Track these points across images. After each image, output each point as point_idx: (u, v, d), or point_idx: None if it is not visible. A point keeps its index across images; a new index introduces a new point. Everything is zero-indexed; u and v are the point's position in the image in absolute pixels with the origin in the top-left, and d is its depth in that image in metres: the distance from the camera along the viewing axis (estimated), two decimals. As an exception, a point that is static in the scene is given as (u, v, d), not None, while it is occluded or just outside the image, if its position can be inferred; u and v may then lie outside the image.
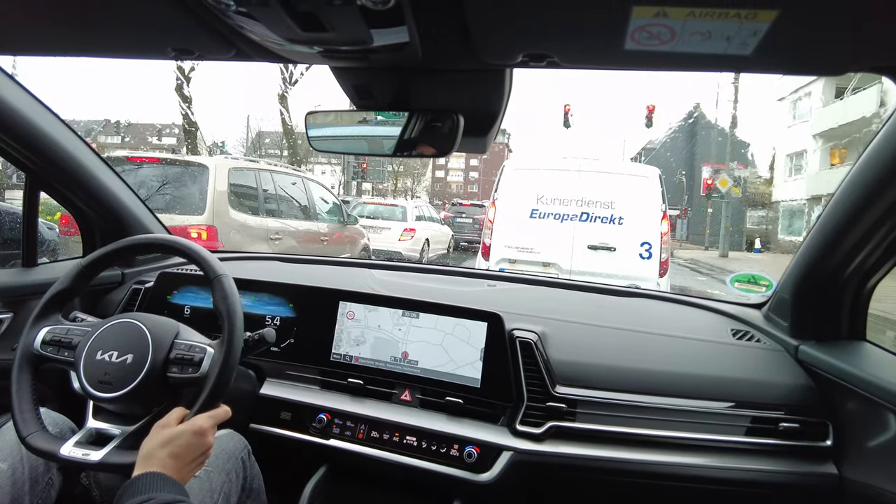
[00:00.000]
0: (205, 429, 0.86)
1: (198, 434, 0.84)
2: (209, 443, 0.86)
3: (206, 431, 0.86)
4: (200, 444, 0.84)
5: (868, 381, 1.05)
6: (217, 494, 1.01)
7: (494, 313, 1.29)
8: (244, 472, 1.11)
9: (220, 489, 1.02)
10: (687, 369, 1.27)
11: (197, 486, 0.98)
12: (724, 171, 17.80)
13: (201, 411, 0.88)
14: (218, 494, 1.01)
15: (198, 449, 0.84)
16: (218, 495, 1.01)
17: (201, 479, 0.99)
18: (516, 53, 0.73)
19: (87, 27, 0.81)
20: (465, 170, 59.90)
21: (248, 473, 1.12)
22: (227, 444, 1.11)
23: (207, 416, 0.88)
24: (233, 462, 1.08)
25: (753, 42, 0.62)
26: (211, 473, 1.02)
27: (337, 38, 0.70)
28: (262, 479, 1.17)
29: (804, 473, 1.13)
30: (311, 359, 1.39)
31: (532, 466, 1.17)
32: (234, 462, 1.09)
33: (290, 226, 5.39)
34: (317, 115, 0.97)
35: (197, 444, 0.84)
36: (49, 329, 0.99)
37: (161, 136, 32.12)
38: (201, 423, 0.86)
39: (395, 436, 1.24)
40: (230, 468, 1.07)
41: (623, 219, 4.46)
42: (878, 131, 0.98)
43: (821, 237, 1.16)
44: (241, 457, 1.12)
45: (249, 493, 1.12)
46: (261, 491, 1.15)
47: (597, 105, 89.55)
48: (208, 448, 0.87)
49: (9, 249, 2.82)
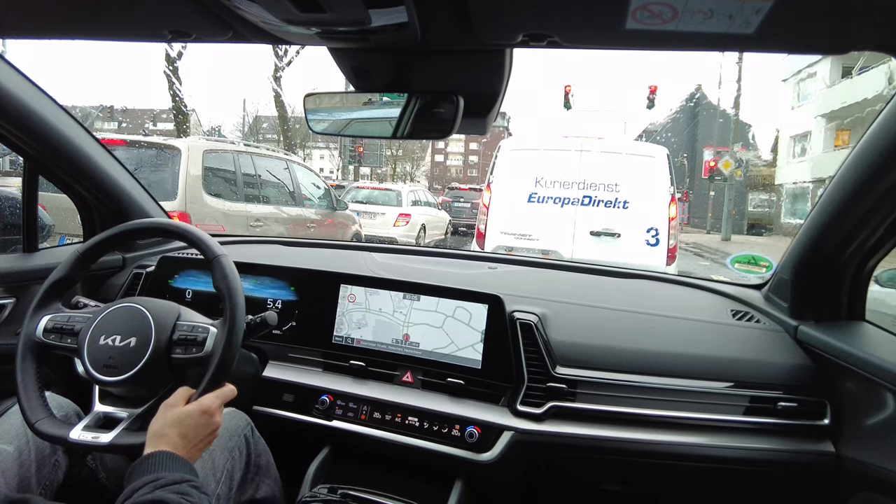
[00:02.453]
0: (212, 408, 0.87)
1: (206, 414, 0.85)
2: (217, 422, 0.88)
3: (214, 411, 0.87)
4: (209, 423, 0.85)
5: (866, 361, 1.05)
6: (220, 472, 1.01)
7: (495, 295, 1.29)
8: (248, 448, 1.11)
9: (223, 467, 1.03)
10: (687, 350, 1.28)
11: (199, 465, 0.97)
12: (726, 153, 17.67)
13: (207, 390, 0.89)
14: (221, 472, 1.02)
15: (206, 428, 0.85)
16: (221, 473, 1.02)
17: (203, 458, 0.99)
18: (516, 33, 0.72)
19: (82, 10, 0.80)
20: (465, 154, 59.59)
21: (253, 450, 1.12)
22: (230, 422, 1.12)
23: (214, 395, 0.89)
24: (235, 440, 1.09)
25: (756, 21, 0.61)
26: (213, 452, 1.02)
27: (335, 19, 0.70)
28: (270, 455, 1.17)
29: (802, 452, 1.14)
30: (313, 341, 1.40)
31: (533, 446, 1.19)
32: (237, 439, 1.09)
33: (272, 212, 5.11)
34: (315, 97, 0.97)
35: (205, 424, 0.85)
36: (50, 317, 1.00)
37: (156, 122, 31.87)
38: (209, 403, 0.87)
39: (397, 417, 1.25)
40: (233, 446, 1.07)
41: (628, 203, 4.18)
42: (881, 112, 0.97)
43: (821, 218, 1.16)
44: (245, 434, 1.12)
45: (257, 471, 1.12)
46: (270, 467, 1.16)
47: (598, 86, 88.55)
48: (216, 427, 0.88)
49: (9, 235, 2.82)
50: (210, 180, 4.45)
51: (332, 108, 0.98)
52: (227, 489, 1.03)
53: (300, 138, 25.01)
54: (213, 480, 0.99)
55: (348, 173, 19.17)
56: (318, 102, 0.97)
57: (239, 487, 1.06)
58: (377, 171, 25.44)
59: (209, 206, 4.33)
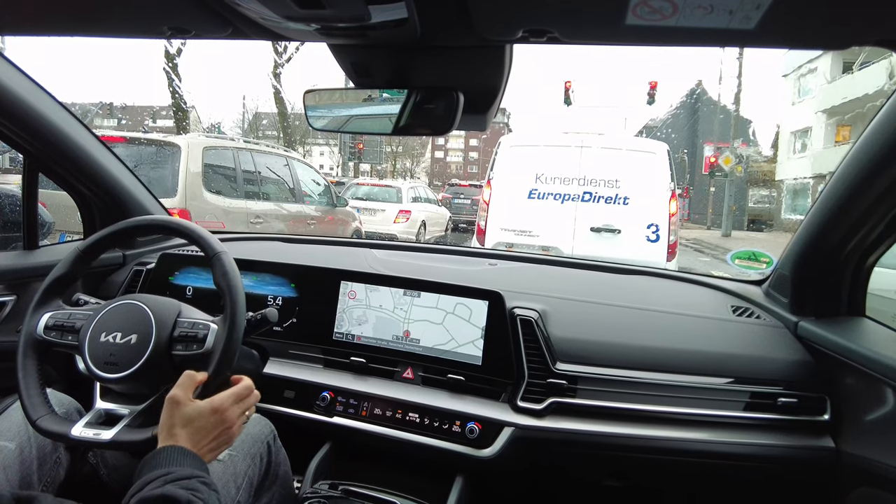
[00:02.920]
0: (224, 406, 0.84)
1: (217, 412, 0.82)
2: (230, 419, 0.84)
3: (227, 409, 0.84)
4: (220, 421, 0.82)
5: (866, 357, 1.06)
6: (241, 478, 0.99)
7: (495, 292, 1.29)
8: (269, 456, 1.09)
9: (245, 473, 1.00)
10: (687, 345, 1.28)
11: (220, 470, 0.95)
12: (727, 149, 17.62)
13: (209, 386, 0.89)
14: (242, 478, 0.99)
15: (217, 427, 0.82)
16: (242, 479, 0.99)
17: (225, 462, 0.97)
18: (516, 29, 0.72)
19: (81, 6, 0.79)
20: (465, 150, 59.47)
21: (274, 459, 1.10)
22: (253, 428, 1.10)
23: (229, 393, 0.86)
24: (258, 446, 1.07)
25: (756, 16, 0.61)
26: (235, 458, 1.00)
27: (335, 15, 0.69)
28: (289, 465, 1.16)
29: (802, 447, 1.15)
30: (313, 338, 1.40)
31: (533, 442, 1.19)
32: (260, 446, 1.07)
33: (272, 208, 5.10)
34: (315, 93, 0.96)
35: (216, 422, 0.82)
36: (51, 314, 1.00)
37: (156, 119, 31.81)
38: (221, 401, 0.84)
39: (397, 413, 1.25)
40: (255, 452, 1.05)
41: (629, 199, 4.19)
42: (881, 107, 0.97)
43: (822, 214, 1.16)
44: (267, 441, 1.10)
45: (275, 480, 1.10)
46: (287, 478, 1.14)
47: (598, 82, 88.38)
48: (230, 426, 0.84)
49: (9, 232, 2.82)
50: (210, 177, 4.43)
51: (331, 105, 0.98)
52: (247, 495, 1.00)
53: (300, 135, 24.95)
54: (233, 486, 0.97)
55: (348, 170, 19.13)
56: (317, 99, 0.97)
57: (255, 494, 1.04)
58: (377, 168, 25.38)
59: (209, 202, 4.32)
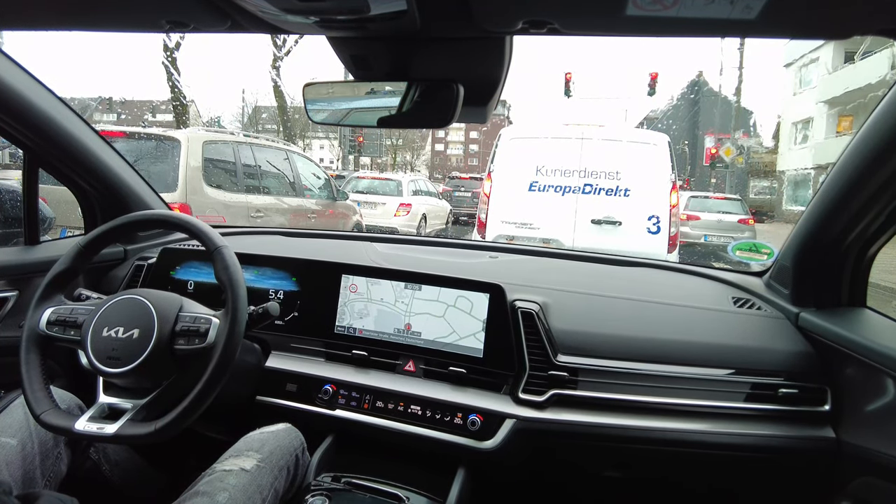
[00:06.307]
0: None
1: None
2: None
3: None
4: None
5: (867, 347, 1.06)
6: (266, 490, 0.96)
7: (496, 284, 1.29)
8: (296, 469, 1.08)
9: (271, 485, 0.98)
10: (688, 337, 1.28)
11: (246, 482, 0.93)
12: (728, 140, 17.55)
13: (210, 381, 0.89)
14: (268, 490, 0.96)
15: None
16: (268, 491, 0.96)
17: (252, 473, 0.95)
18: (516, 20, 0.71)
19: (79, 0, 0.79)
20: (465, 142, 59.31)
21: (300, 472, 1.09)
22: (284, 439, 1.08)
23: None
24: (286, 458, 1.05)
25: (757, 6, 0.60)
26: (263, 469, 0.98)
27: (334, 7, 0.69)
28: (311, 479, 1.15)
29: (802, 438, 1.15)
30: (315, 331, 1.41)
31: (534, 433, 1.20)
32: (289, 458, 1.06)
33: (273, 202, 5.10)
34: (314, 86, 0.96)
35: None
36: (53, 309, 1.00)
37: (156, 113, 31.71)
38: None
39: (399, 405, 1.26)
40: (283, 464, 1.03)
41: (629, 190, 4.18)
42: (883, 97, 0.96)
43: (823, 205, 1.16)
44: (296, 453, 1.09)
45: (297, 493, 1.09)
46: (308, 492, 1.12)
47: (599, 73, 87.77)
48: None
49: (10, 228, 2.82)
50: (210, 171, 4.41)
51: (331, 98, 0.98)
52: None
53: (300, 128, 24.87)
54: (259, 499, 0.93)
55: (348, 163, 19.11)
56: (317, 92, 0.96)
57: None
58: (377, 161, 25.35)
59: (210, 197, 4.31)
